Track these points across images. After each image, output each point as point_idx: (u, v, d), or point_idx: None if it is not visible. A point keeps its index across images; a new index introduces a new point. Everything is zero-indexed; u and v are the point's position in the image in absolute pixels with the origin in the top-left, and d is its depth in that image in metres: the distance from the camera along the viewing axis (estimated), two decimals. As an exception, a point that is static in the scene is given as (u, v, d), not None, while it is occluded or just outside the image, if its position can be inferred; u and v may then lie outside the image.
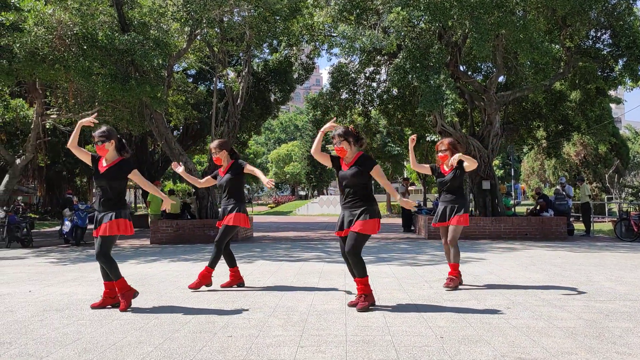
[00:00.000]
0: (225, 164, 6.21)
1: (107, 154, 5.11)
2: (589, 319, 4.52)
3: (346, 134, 4.97)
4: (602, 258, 9.32)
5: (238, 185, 6.15)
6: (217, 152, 6.19)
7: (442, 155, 6.16)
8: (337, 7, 13.81)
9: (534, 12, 13.52)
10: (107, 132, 5.12)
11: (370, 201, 4.95)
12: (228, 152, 6.23)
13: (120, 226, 5.00)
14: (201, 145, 26.57)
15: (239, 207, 6.05)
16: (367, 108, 18.86)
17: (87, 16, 11.92)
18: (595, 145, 27.48)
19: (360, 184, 4.94)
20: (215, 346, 3.78)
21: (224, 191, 6.13)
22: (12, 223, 13.63)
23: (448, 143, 6.15)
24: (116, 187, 5.07)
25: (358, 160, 4.98)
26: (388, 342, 3.84)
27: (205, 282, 6.10)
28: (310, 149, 40.20)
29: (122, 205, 5.10)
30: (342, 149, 4.97)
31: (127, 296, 5.10)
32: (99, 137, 5.07)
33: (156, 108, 13.49)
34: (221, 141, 6.30)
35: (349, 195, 4.97)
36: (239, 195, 6.14)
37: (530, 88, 14.64)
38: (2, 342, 3.95)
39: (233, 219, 5.99)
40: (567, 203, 15.81)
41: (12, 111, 15.09)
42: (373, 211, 4.92)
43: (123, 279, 5.12)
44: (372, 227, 4.89)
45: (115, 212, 5.01)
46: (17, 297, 5.88)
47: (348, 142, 4.97)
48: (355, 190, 4.94)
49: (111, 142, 5.11)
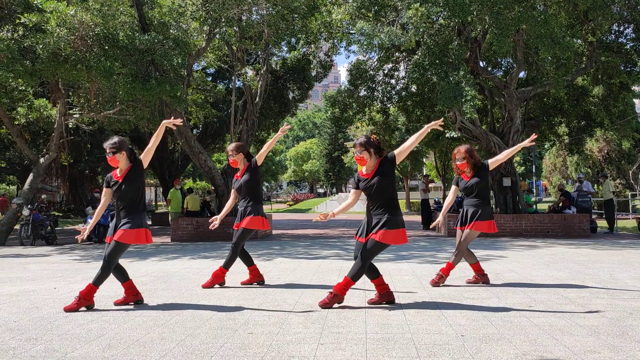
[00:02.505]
0: (242, 166, 6.24)
1: (119, 164, 5.08)
2: (613, 317, 4.47)
3: (367, 144, 4.93)
4: (625, 255, 9.18)
5: (255, 186, 6.16)
6: (233, 155, 6.21)
7: (459, 164, 6.06)
8: (355, 4, 13.79)
9: (555, 6, 13.34)
10: (119, 144, 5.05)
11: (394, 209, 4.88)
12: (244, 155, 6.26)
13: (139, 236, 5.00)
14: (220, 144, 26.75)
15: (257, 210, 6.06)
16: (385, 105, 18.78)
17: (108, 17, 12.07)
18: (618, 141, 27.03)
19: (385, 189, 4.88)
20: (236, 343, 3.82)
21: (241, 193, 6.17)
22: (37, 221, 13.88)
23: (465, 151, 6.04)
24: (133, 192, 5.03)
25: (379, 167, 4.92)
26: (408, 340, 3.84)
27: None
28: (329, 146, 39.90)
29: (137, 212, 5.04)
30: (363, 158, 4.94)
31: (82, 303, 5.00)
32: (110, 148, 5.02)
33: (176, 107, 13.61)
34: (238, 144, 6.33)
35: (374, 203, 4.92)
36: (256, 197, 6.15)
37: (552, 83, 14.45)
38: (28, 338, 4.03)
39: (250, 223, 6.01)
40: (590, 200, 15.58)
41: (35, 111, 15.33)
42: (397, 222, 4.85)
43: (96, 289, 5.04)
44: (393, 237, 4.82)
45: (131, 221, 4.97)
46: (42, 294, 5.99)
47: (369, 153, 4.93)
48: (380, 197, 4.89)
49: (122, 154, 5.06)
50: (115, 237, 4.95)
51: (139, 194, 5.12)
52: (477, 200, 6.03)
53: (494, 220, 6.06)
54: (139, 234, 5.00)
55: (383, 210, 4.87)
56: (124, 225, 4.97)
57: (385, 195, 4.90)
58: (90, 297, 5.04)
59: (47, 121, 15.77)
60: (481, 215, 5.95)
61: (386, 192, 4.90)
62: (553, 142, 22.27)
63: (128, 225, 4.96)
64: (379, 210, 4.88)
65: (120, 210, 5.06)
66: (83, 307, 5.01)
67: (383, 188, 4.88)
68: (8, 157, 29.50)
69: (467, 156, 6.03)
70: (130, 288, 5.24)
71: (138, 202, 5.11)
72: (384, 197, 4.89)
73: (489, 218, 5.99)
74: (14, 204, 14.23)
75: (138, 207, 5.08)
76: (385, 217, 4.83)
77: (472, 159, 6.04)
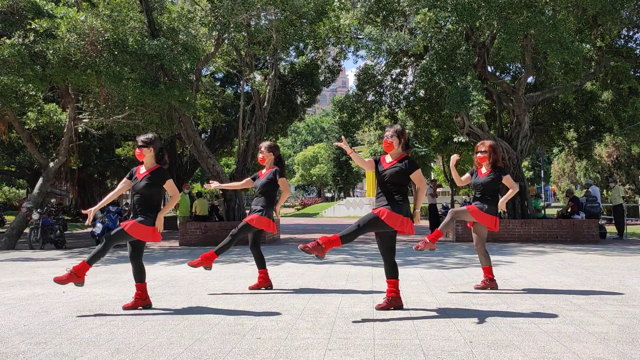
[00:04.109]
0: (267, 167, 6.31)
1: (144, 159, 5.20)
2: (622, 324, 4.44)
3: (400, 133, 5.04)
4: (635, 261, 9.11)
5: (272, 190, 6.21)
6: (264, 153, 6.30)
7: (480, 156, 6.04)
8: (363, 9, 13.81)
9: (563, 11, 13.29)
10: (150, 140, 5.19)
11: (399, 200, 4.89)
12: (275, 157, 6.32)
13: (148, 233, 5.09)
14: (228, 148, 26.85)
15: (265, 211, 6.10)
16: (393, 110, 18.78)
17: (118, 22, 12.18)
18: (628, 146, 26.83)
19: (398, 182, 4.91)
20: (244, 348, 3.83)
21: (258, 192, 6.22)
22: (46, 225, 13.98)
23: (489, 145, 6.04)
24: (150, 194, 5.13)
25: (402, 160, 4.98)
26: (416, 346, 3.83)
27: (204, 263, 5.97)
28: (337, 150, 40.06)
29: (152, 211, 5.14)
30: (392, 144, 5.02)
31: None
32: (141, 141, 5.17)
33: (184, 111, 13.69)
34: (272, 144, 6.41)
35: (384, 192, 4.95)
36: (270, 200, 6.20)
37: (560, 88, 14.40)
38: (37, 342, 4.06)
39: (255, 220, 6.03)
40: (599, 205, 15.49)
41: (45, 115, 15.48)
42: (401, 209, 4.85)
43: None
44: (395, 221, 4.80)
45: (144, 218, 5.09)
46: (51, 298, 6.03)
47: (398, 140, 5.02)
48: (392, 187, 4.92)
49: (150, 150, 5.18)
50: (124, 225, 5.05)
51: (158, 195, 5.22)
52: (484, 198, 5.98)
53: (498, 218, 5.99)
54: (146, 231, 5.09)
55: (391, 198, 4.89)
56: (137, 219, 5.08)
57: (396, 185, 4.92)
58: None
59: (57, 125, 15.91)
60: (487, 210, 5.90)
61: (398, 183, 4.92)
62: (562, 147, 22.18)
63: (139, 220, 5.08)
64: (386, 198, 4.92)
65: (136, 205, 5.17)
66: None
67: (395, 182, 4.91)
68: (18, 161, 29.78)
69: (490, 150, 6.01)
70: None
71: (156, 202, 5.21)
72: (396, 187, 4.92)
73: (494, 214, 5.92)
74: (23, 208, 14.34)
75: (154, 206, 5.18)
76: (392, 204, 4.87)
77: (493, 155, 6.01)
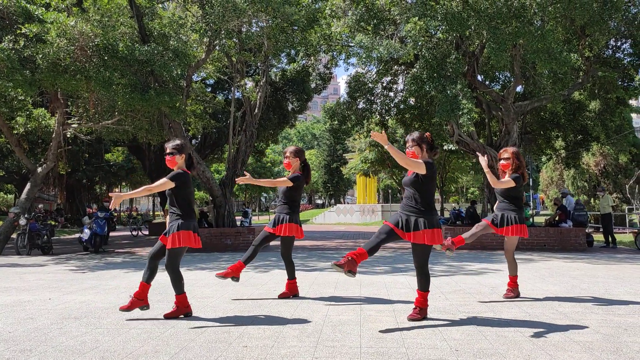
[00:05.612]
0: (294, 172, 6.23)
1: (175, 166, 5.16)
2: (607, 333, 4.47)
3: (420, 140, 4.99)
4: (621, 270, 9.18)
5: (295, 195, 6.20)
6: (290, 158, 6.21)
7: (504, 163, 6.03)
8: (354, 17, 13.89)
9: (552, 22, 13.43)
10: (181, 146, 5.16)
11: (427, 210, 4.86)
12: (301, 162, 6.26)
13: (183, 238, 5.00)
14: (219, 154, 26.78)
15: (292, 217, 6.11)
16: (384, 117, 18.87)
17: (108, 27, 12.15)
18: (615, 156, 27.09)
19: (416, 190, 4.87)
20: (230, 356, 3.82)
21: (281, 197, 6.21)
22: (33, 230, 13.86)
23: (512, 152, 6.03)
24: (179, 198, 5.07)
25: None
26: (403, 354, 3.84)
27: (232, 274, 6.02)
28: (328, 157, 40.12)
29: (186, 216, 5.05)
30: (414, 153, 4.97)
31: (177, 311, 5.16)
32: (171, 148, 5.13)
33: (175, 117, 13.66)
34: (298, 148, 6.34)
35: (407, 199, 4.96)
36: (295, 206, 6.19)
37: (549, 98, 14.54)
38: (22, 349, 4.02)
39: (288, 229, 6.06)
40: (586, 214, 15.58)
41: (34, 120, 15.38)
42: (431, 222, 4.85)
43: (184, 295, 5.17)
44: (432, 237, 4.85)
45: (179, 223, 5.01)
46: (37, 305, 5.98)
47: (420, 148, 4.98)
48: (412, 196, 4.91)
49: (182, 157, 5.16)
50: (167, 245, 5.01)
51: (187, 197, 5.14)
52: (508, 205, 5.99)
53: (525, 225, 6.01)
54: (188, 236, 5.02)
55: (414, 208, 4.87)
56: (172, 228, 5.01)
57: (415, 193, 4.88)
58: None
59: (46, 130, 15.81)
60: (514, 220, 5.90)
61: (416, 190, 4.88)
62: (550, 155, 22.35)
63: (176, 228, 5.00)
64: (410, 208, 4.90)
65: (172, 211, 5.12)
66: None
67: (413, 187, 4.88)
68: (6, 165, 29.54)
69: (513, 157, 6.01)
70: (142, 292, 5.16)
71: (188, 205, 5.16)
72: (415, 195, 4.88)
73: (521, 222, 5.93)
74: (11, 213, 14.22)
75: (190, 210, 5.13)
76: (417, 217, 4.84)
77: (516, 162, 6.00)
